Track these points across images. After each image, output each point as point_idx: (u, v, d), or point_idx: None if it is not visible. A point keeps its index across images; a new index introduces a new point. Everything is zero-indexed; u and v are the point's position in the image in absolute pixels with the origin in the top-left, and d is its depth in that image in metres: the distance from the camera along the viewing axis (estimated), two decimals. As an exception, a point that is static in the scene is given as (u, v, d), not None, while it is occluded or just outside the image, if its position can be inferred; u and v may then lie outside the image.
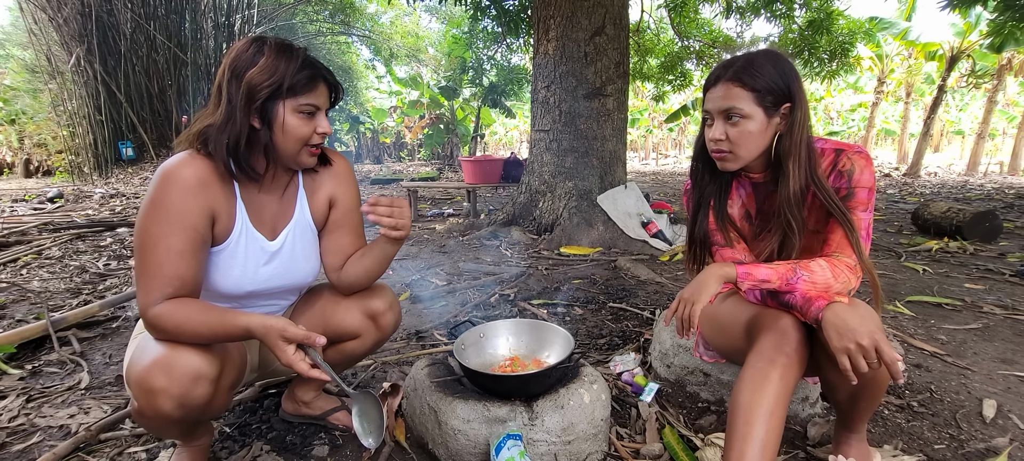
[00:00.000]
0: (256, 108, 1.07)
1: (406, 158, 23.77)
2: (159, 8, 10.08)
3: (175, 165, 1.06)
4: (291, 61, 1.08)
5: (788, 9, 7.40)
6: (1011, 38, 8.42)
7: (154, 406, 0.99)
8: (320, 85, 1.12)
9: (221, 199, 1.11)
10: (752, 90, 1.13)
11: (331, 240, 1.32)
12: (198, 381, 1.00)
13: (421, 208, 6.62)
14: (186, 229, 1.04)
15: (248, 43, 1.10)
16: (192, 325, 1.00)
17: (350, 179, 1.34)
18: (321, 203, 1.31)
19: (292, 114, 1.09)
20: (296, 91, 1.08)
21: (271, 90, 1.06)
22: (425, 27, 20.03)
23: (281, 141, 1.11)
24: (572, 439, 1.26)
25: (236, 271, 1.17)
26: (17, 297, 2.80)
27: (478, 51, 11.10)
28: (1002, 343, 2.09)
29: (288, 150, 1.12)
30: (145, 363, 0.99)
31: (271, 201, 1.22)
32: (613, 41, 4.17)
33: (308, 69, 1.09)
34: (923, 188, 9.52)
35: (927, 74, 16.95)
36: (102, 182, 9.42)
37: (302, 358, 1.03)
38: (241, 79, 1.06)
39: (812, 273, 1.12)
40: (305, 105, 1.10)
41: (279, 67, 1.06)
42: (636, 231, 4.10)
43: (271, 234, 1.22)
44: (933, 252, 3.82)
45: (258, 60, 1.06)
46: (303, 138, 1.12)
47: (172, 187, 1.04)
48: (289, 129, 1.10)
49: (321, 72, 1.12)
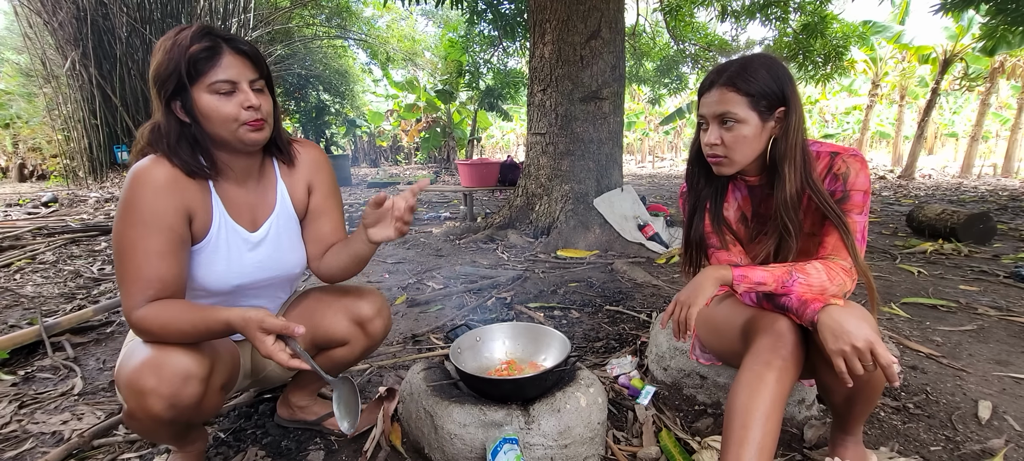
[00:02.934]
0: (172, 102, 1.03)
1: (403, 161, 23.75)
2: (155, 12, 10.06)
3: (145, 167, 1.04)
4: (184, 41, 1.00)
5: (783, 13, 7.45)
6: (1003, 41, 8.50)
7: (144, 407, 0.98)
8: (225, 57, 1.02)
9: (195, 196, 1.09)
10: (747, 95, 1.13)
11: (312, 229, 1.31)
12: (188, 381, 0.99)
13: (418, 211, 6.60)
14: (162, 230, 1.02)
15: (163, 36, 1.04)
16: (176, 324, 0.99)
17: (325, 165, 1.33)
18: (300, 191, 1.29)
19: (206, 96, 1.02)
20: (200, 70, 1.00)
21: (175, 79, 1.00)
22: (422, 31, 20.05)
23: (210, 127, 1.05)
24: (569, 443, 1.26)
25: (220, 266, 1.15)
26: (10, 302, 2.78)
27: (474, 54, 11.11)
28: (997, 345, 2.10)
29: (221, 135, 1.06)
30: (134, 364, 0.98)
31: (247, 192, 1.20)
32: (609, 45, 4.18)
33: (204, 42, 1.00)
34: (918, 190, 9.57)
35: (921, 77, 17.08)
36: (97, 186, 9.38)
37: (282, 348, 1.01)
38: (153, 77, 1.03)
39: (808, 276, 1.12)
40: (216, 82, 1.01)
41: (173, 52, 0.99)
42: (632, 234, 4.11)
43: (251, 226, 1.20)
44: (928, 254, 3.84)
45: (159, 51, 1.01)
46: (229, 118, 1.03)
47: (144, 188, 1.02)
48: (209, 113, 1.03)
49: (221, 43, 1.02)
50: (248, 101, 1.04)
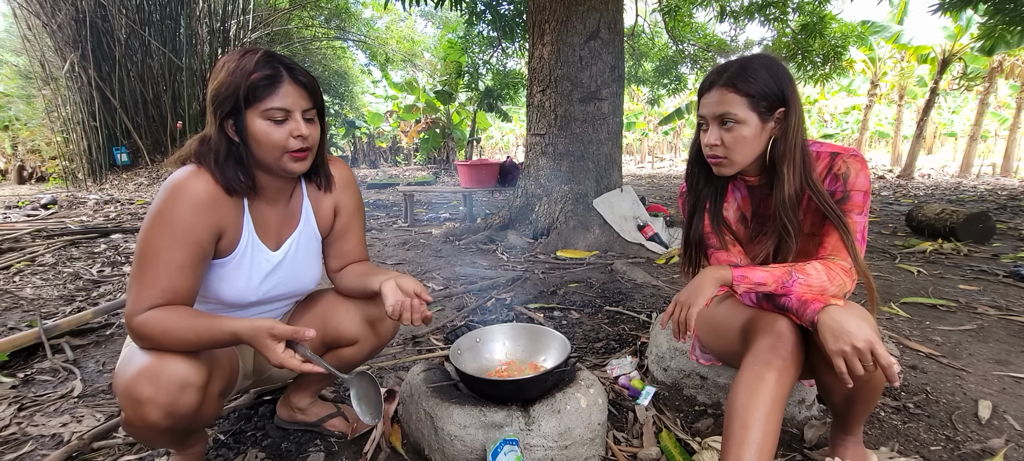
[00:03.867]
0: (226, 120, 1.05)
1: (402, 162, 23.76)
2: (154, 14, 10.07)
3: (184, 178, 1.04)
4: (247, 66, 1.03)
5: (781, 13, 7.46)
6: (1001, 41, 8.51)
7: (141, 416, 0.97)
8: (284, 86, 1.04)
9: (229, 214, 1.10)
10: (746, 96, 1.13)
11: (335, 246, 1.34)
12: (185, 389, 0.98)
13: (417, 212, 6.60)
14: (190, 244, 1.03)
15: (225, 56, 1.07)
16: (178, 331, 0.98)
17: (351, 185, 1.35)
18: (326, 212, 1.31)
19: (260, 121, 1.05)
20: (258, 96, 1.03)
21: (233, 101, 1.02)
22: (421, 32, 20.07)
23: (257, 151, 1.07)
24: (569, 444, 1.26)
25: (241, 282, 1.16)
26: (10, 304, 2.77)
27: (474, 55, 11.11)
28: (996, 344, 2.10)
29: (267, 159, 1.08)
30: (131, 372, 0.97)
31: (276, 211, 1.22)
32: (608, 45, 4.18)
33: (266, 70, 1.03)
34: (917, 190, 9.58)
35: (919, 77, 17.10)
36: (96, 188, 9.38)
37: (292, 355, 1.02)
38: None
39: (808, 276, 1.12)
40: (271, 110, 1.04)
41: (236, 74, 1.02)
42: (632, 234, 4.11)
43: (275, 244, 1.22)
44: (927, 253, 3.84)
45: (222, 71, 1.04)
46: (278, 145, 1.06)
47: (181, 201, 1.02)
48: (260, 137, 1.05)
49: (283, 72, 1.05)
50: (298, 130, 1.07)
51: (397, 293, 1.14)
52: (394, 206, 7.59)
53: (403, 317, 1.13)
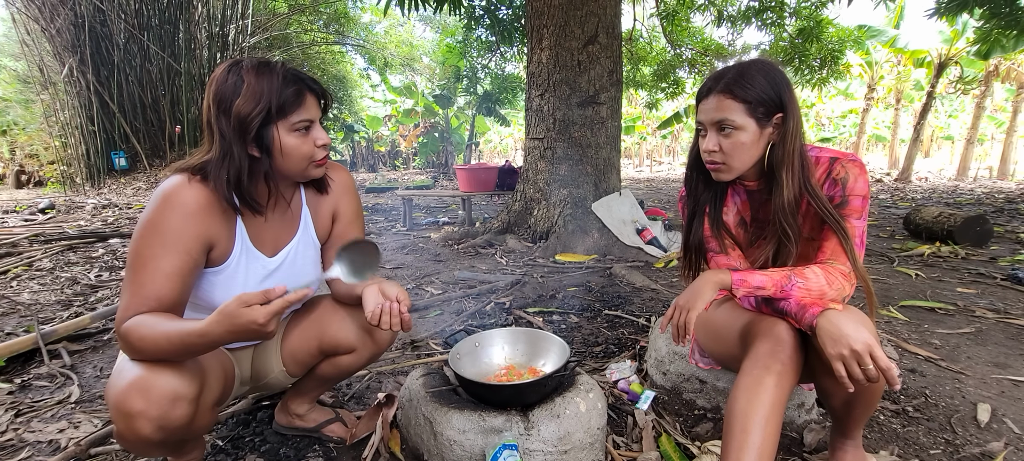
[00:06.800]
0: (252, 138, 1.05)
1: (401, 166, 23.75)
2: (153, 18, 10.07)
3: (176, 188, 1.04)
4: (274, 80, 1.04)
5: (779, 18, 7.50)
6: (997, 45, 8.57)
7: (132, 430, 0.94)
8: (308, 97, 1.08)
9: (221, 225, 1.10)
10: (744, 102, 1.13)
11: (332, 251, 1.33)
12: (177, 402, 0.96)
13: (416, 216, 6.60)
14: (179, 253, 1.02)
15: (226, 71, 1.05)
16: (152, 338, 0.95)
17: (351, 190, 1.35)
18: (325, 217, 1.31)
19: (288, 135, 1.07)
20: (286, 110, 1.05)
21: (262, 116, 1.03)
22: (419, 36, 20.13)
23: (283, 164, 1.09)
24: (569, 448, 1.26)
25: (236, 290, 1.15)
26: (7, 310, 2.76)
27: (472, 60, 11.15)
28: (995, 347, 2.11)
29: (293, 170, 1.11)
30: (122, 385, 0.95)
31: (273, 220, 1.21)
32: (606, 49, 4.20)
33: (293, 84, 1.06)
34: (914, 193, 9.61)
35: (916, 81, 17.18)
36: (94, 192, 9.35)
37: (276, 298, 0.92)
38: (230, 112, 1.03)
39: (807, 280, 1.12)
40: (298, 122, 1.07)
41: (263, 90, 1.02)
42: (631, 238, 4.11)
43: (271, 251, 1.21)
44: (925, 257, 3.85)
45: (240, 88, 1.02)
46: (306, 156, 1.10)
47: (171, 210, 1.02)
48: (288, 151, 1.08)
49: (306, 83, 1.08)
50: (321, 139, 1.12)
51: (378, 297, 1.14)
52: (393, 210, 7.59)
53: (382, 322, 1.12)
